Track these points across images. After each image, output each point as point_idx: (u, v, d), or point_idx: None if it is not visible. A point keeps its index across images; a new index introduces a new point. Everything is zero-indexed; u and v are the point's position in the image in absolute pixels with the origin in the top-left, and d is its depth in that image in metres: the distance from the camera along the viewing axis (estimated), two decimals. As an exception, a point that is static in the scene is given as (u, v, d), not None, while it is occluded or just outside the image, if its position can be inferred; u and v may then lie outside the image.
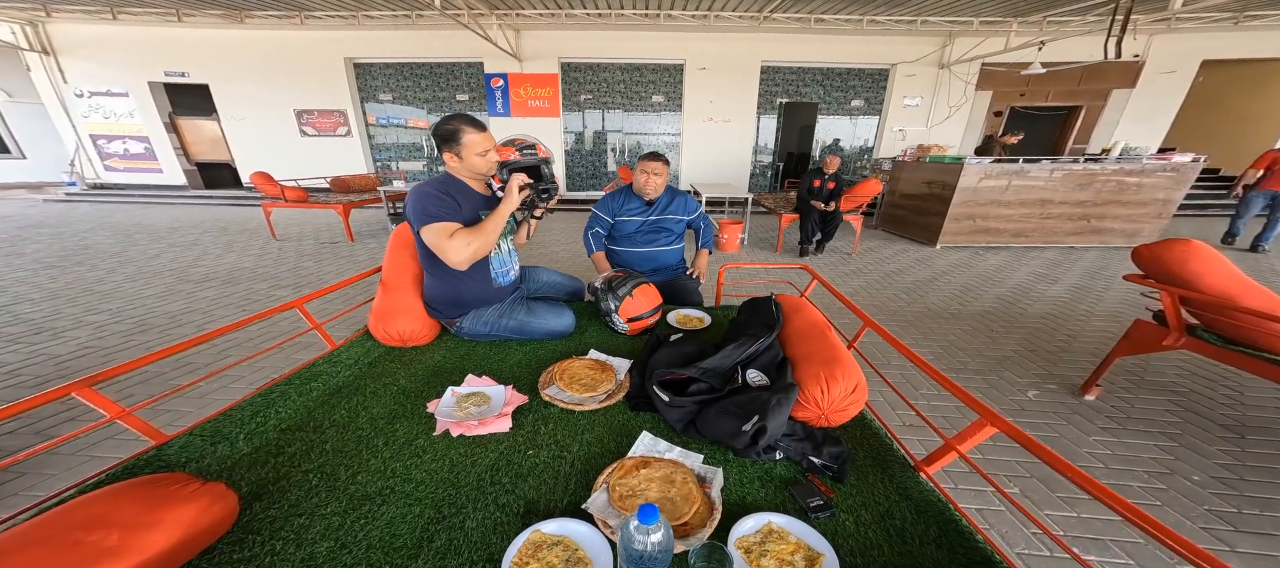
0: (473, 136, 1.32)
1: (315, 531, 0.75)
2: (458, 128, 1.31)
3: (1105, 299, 3.41)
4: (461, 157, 1.33)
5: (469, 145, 1.32)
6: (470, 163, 1.34)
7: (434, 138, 1.34)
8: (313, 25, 6.92)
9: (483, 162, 1.35)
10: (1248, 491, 1.50)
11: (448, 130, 1.31)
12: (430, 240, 1.30)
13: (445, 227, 1.28)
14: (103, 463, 1.60)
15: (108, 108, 7.87)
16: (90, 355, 2.40)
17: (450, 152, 1.33)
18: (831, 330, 1.21)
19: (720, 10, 6.18)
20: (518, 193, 1.35)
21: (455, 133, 1.31)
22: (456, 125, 1.31)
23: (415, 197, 1.31)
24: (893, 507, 0.81)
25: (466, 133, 1.31)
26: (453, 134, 1.31)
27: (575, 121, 8.04)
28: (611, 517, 0.76)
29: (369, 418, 1.06)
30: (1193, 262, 1.59)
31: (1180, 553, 0.54)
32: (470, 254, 1.29)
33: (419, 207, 1.29)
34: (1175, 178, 4.71)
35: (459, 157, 1.34)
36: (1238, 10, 5.83)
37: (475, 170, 1.37)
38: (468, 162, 1.34)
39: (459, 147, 1.32)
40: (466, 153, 1.33)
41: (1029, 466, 1.59)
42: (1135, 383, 2.18)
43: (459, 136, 1.31)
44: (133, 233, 5.43)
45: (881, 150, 7.88)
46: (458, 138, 1.31)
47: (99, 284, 3.54)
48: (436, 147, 1.35)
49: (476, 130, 1.33)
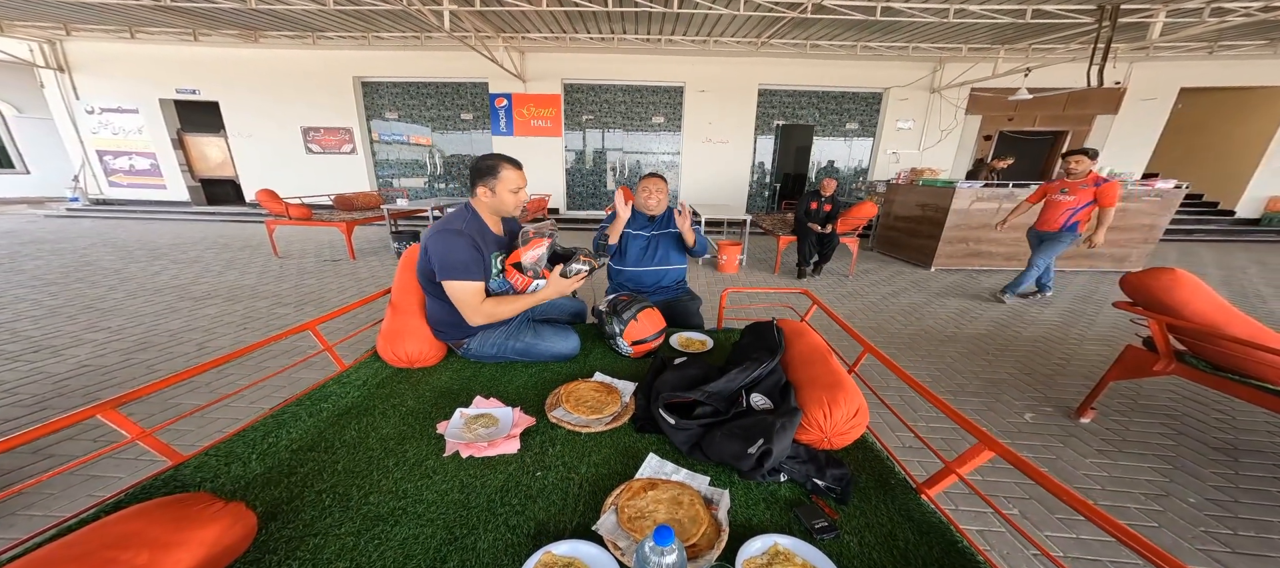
0: (510, 174, 1.41)
1: (330, 551, 0.76)
2: (497, 164, 1.39)
3: (1096, 324, 3.47)
4: (495, 191, 1.40)
5: (505, 181, 1.40)
6: (501, 197, 1.41)
7: (471, 171, 1.42)
8: (324, 45, 7.12)
9: (513, 199, 1.43)
10: (1243, 513, 1.52)
11: (488, 165, 1.39)
12: (456, 294, 1.36)
13: (477, 290, 1.36)
14: (103, 482, 1.59)
15: (117, 124, 7.99)
16: (89, 374, 2.39)
17: (484, 185, 1.40)
18: (833, 356, 1.25)
19: (719, 36, 6.42)
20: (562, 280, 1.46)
21: (495, 168, 1.39)
22: (496, 162, 1.40)
23: (443, 241, 1.33)
24: (896, 529, 0.83)
25: (504, 169, 1.40)
26: (492, 169, 1.39)
27: (576, 141, 8.21)
28: (621, 538, 0.78)
29: (379, 439, 1.08)
30: (1178, 290, 1.65)
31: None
32: (484, 322, 1.39)
33: (446, 255, 1.32)
34: (1160, 204, 4.84)
35: (492, 191, 1.41)
36: (1212, 40, 6.12)
37: (503, 206, 1.44)
38: (500, 195, 1.41)
39: (496, 181, 1.40)
40: (500, 188, 1.40)
41: (1027, 487, 1.60)
42: (1129, 406, 2.21)
43: (497, 172, 1.39)
44: (134, 250, 5.44)
45: (876, 173, 8.07)
46: (496, 173, 1.39)
47: (99, 301, 3.54)
48: (470, 179, 1.42)
49: (513, 168, 1.42)
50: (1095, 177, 3.42)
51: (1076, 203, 3.46)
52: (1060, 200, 3.54)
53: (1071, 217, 3.51)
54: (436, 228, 1.37)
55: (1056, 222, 3.57)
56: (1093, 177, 3.42)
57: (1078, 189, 3.45)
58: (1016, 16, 4.91)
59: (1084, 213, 3.49)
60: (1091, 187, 3.39)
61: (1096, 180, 3.39)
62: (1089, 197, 3.41)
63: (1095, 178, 3.41)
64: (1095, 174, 3.44)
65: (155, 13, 5.71)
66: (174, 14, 5.76)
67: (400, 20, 5.95)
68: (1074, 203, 3.47)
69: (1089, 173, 3.44)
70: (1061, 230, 3.57)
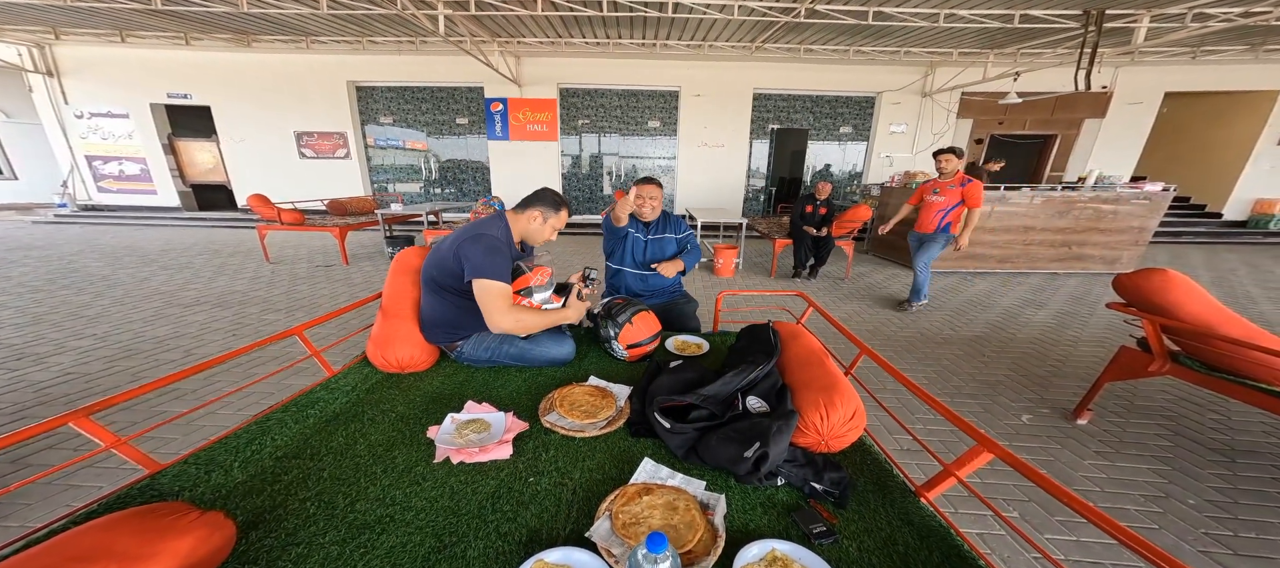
0: (563, 216, 1.56)
1: (314, 561, 0.73)
2: (561, 203, 1.53)
3: (1090, 325, 3.49)
4: (546, 222, 1.51)
5: (558, 219, 1.54)
6: (546, 230, 1.52)
7: (541, 196, 1.51)
8: (318, 49, 7.08)
9: (549, 233, 1.54)
10: (1242, 513, 1.51)
11: (557, 199, 1.52)
12: (484, 294, 1.35)
13: (506, 292, 1.38)
14: (83, 491, 1.54)
15: (106, 129, 7.90)
16: (73, 382, 2.34)
17: (542, 211, 1.50)
18: (829, 358, 1.23)
19: (714, 40, 6.46)
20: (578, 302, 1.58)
21: (560, 205, 1.53)
22: (562, 202, 1.54)
23: (484, 244, 1.37)
24: (895, 533, 0.82)
25: (563, 210, 1.55)
26: (558, 204, 1.52)
27: (572, 145, 8.22)
28: (615, 545, 0.76)
29: (367, 445, 1.05)
30: (1172, 291, 1.65)
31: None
32: (511, 329, 1.39)
33: (486, 258, 1.35)
34: (1149, 206, 4.91)
35: (543, 219, 1.51)
36: (1195, 46, 6.24)
37: (537, 236, 1.54)
38: (546, 228, 1.52)
39: (555, 216, 1.52)
40: (551, 223, 1.52)
41: (1027, 490, 1.60)
42: (1126, 407, 2.21)
43: (559, 209, 1.53)
44: (122, 255, 5.37)
45: (870, 176, 8.13)
46: (557, 210, 1.53)
47: (85, 308, 3.47)
48: (531, 200, 1.51)
49: (567, 212, 1.57)
50: (962, 176, 3.33)
51: (947, 203, 3.39)
52: (932, 201, 3.47)
53: (943, 218, 3.42)
54: (475, 232, 1.40)
55: (931, 223, 3.48)
56: (960, 176, 3.33)
57: (947, 189, 3.37)
58: (1005, 21, 4.98)
59: (955, 214, 3.40)
60: (959, 187, 3.31)
61: (963, 180, 3.30)
62: (957, 197, 3.33)
63: (962, 178, 3.32)
64: (962, 174, 3.35)
65: (146, 17, 5.66)
66: (165, 18, 5.71)
67: (394, 24, 5.94)
68: (945, 203, 3.39)
69: (957, 172, 3.34)
70: (935, 233, 3.48)
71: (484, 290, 1.35)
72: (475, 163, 8.33)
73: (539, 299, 1.53)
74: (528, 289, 1.50)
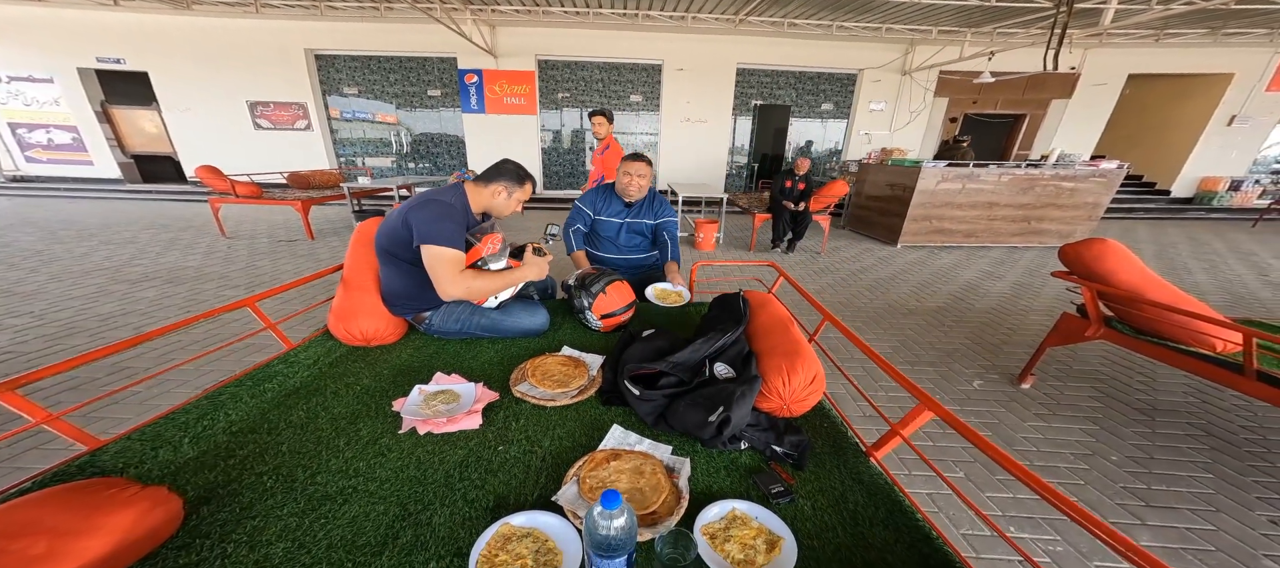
0: (527, 190, 1.54)
1: (271, 532, 0.72)
2: (526, 177, 1.52)
3: (1042, 295, 3.70)
4: (510, 196, 1.48)
5: (521, 194, 1.51)
6: (509, 203, 1.49)
7: (502, 169, 1.48)
8: (269, 13, 6.51)
9: (515, 206, 1.52)
10: (1156, 468, 1.67)
11: (523, 174, 1.51)
12: (434, 261, 1.30)
13: (456, 258, 1.33)
14: (21, 472, 1.46)
15: (29, 94, 7.15)
16: (11, 361, 2.19)
17: (505, 186, 1.46)
18: (794, 325, 1.27)
19: (697, 11, 6.27)
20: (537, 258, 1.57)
21: (524, 179, 1.51)
22: (527, 176, 1.52)
23: (432, 209, 1.32)
24: (846, 491, 0.86)
25: (527, 185, 1.53)
26: (523, 178, 1.50)
27: (553, 120, 7.94)
28: (581, 508, 0.78)
29: (330, 419, 1.03)
30: (1108, 259, 1.75)
31: (1092, 531, 0.59)
32: (461, 295, 1.36)
33: (434, 224, 1.30)
34: (1104, 183, 5.15)
35: (508, 195, 1.48)
36: (1159, 28, 6.45)
37: (500, 210, 1.51)
38: (510, 202, 1.49)
39: (518, 190, 1.49)
40: (515, 197, 1.49)
41: (972, 452, 1.71)
42: (1064, 372, 2.38)
43: (523, 184, 1.51)
44: (58, 229, 4.96)
45: (849, 153, 8.21)
46: (522, 184, 1.50)
47: (19, 285, 3.22)
48: (493, 173, 1.47)
49: (531, 186, 1.55)
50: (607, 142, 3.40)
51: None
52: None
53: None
54: (425, 198, 1.35)
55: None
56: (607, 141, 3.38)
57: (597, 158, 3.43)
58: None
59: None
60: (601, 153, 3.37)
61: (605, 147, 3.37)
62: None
63: (607, 143, 3.40)
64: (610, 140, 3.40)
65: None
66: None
67: (353, -18, 5.50)
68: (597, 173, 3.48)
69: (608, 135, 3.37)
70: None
71: (432, 257, 1.30)
72: (450, 136, 7.96)
73: (495, 268, 1.49)
74: (481, 260, 1.46)
